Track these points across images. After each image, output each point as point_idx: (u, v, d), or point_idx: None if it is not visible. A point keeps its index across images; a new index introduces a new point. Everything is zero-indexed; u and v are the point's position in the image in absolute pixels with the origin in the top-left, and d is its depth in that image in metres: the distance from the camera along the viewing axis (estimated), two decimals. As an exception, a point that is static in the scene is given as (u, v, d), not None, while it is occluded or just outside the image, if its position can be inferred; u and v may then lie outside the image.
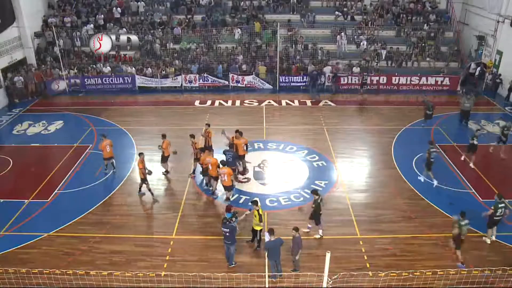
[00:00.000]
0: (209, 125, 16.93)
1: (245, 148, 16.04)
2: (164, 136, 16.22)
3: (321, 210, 12.69)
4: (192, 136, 16.01)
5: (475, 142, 16.67)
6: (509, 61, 24.26)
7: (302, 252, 11.38)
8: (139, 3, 29.28)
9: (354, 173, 16.89)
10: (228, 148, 16.09)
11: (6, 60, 24.35)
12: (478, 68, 25.47)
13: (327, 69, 25.70)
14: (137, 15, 29.19)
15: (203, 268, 11.57)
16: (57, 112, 22.90)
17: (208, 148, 16.14)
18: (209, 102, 24.15)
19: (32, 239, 12.92)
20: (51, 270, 10.92)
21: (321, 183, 15.95)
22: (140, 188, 15.21)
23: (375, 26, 28.51)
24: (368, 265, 11.88)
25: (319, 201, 12.61)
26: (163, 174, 16.49)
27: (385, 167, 17.10)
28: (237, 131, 16.26)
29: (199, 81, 26.00)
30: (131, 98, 25.12)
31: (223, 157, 15.22)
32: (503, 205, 12.41)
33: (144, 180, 14.76)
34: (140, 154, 14.89)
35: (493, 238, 12.89)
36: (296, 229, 11.09)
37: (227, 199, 14.75)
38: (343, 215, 14.10)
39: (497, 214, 12.38)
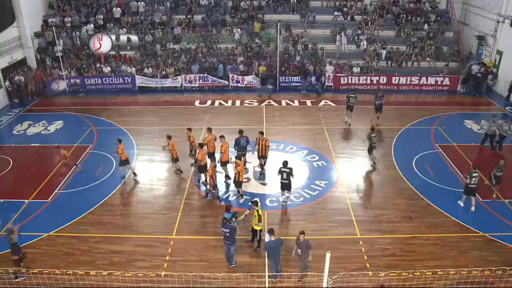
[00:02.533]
0: (190, 130, 16.58)
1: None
2: (119, 141, 15.86)
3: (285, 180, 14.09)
4: (189, 129, 16.42)
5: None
6: (509, 61, 24.26)
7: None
8: (139, 3, 29.27)
9: (354, 173, 16.88)
10: (239, 135, 16.02)
11: (6, 60, 24.33)
12: (478, 68, 25.44)
13: (329, 69, 25.75)
14: (137, 15, 29.18)
15: (203, 268, 11.56)
16: (57, 112, 22.89)
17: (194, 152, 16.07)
18: (209, 102, 24.15)
19: (32, 239, 12.90)
20: (51, 270, 10.90)
21: (321, 183, 15.95)
22: (207, 194, 15.02)
23: (375, 26, 28.51)
24: (368, 265, 11.87)
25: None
26: (133, 179, 16.19)
27: (385, 167, 17.09)
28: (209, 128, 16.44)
29: (199, 81, 26.01)
30: (131, 98, 25.13)
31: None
32: (476, 174, 13.73)
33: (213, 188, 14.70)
34: (212, 161, 14.88)
35: (473, 209, 14.07)
36: (303, 232, 10.91)
37: (240, 196, 14.92)
38: (343, 215, 14.10)
39: (472, 182, 13.75)
